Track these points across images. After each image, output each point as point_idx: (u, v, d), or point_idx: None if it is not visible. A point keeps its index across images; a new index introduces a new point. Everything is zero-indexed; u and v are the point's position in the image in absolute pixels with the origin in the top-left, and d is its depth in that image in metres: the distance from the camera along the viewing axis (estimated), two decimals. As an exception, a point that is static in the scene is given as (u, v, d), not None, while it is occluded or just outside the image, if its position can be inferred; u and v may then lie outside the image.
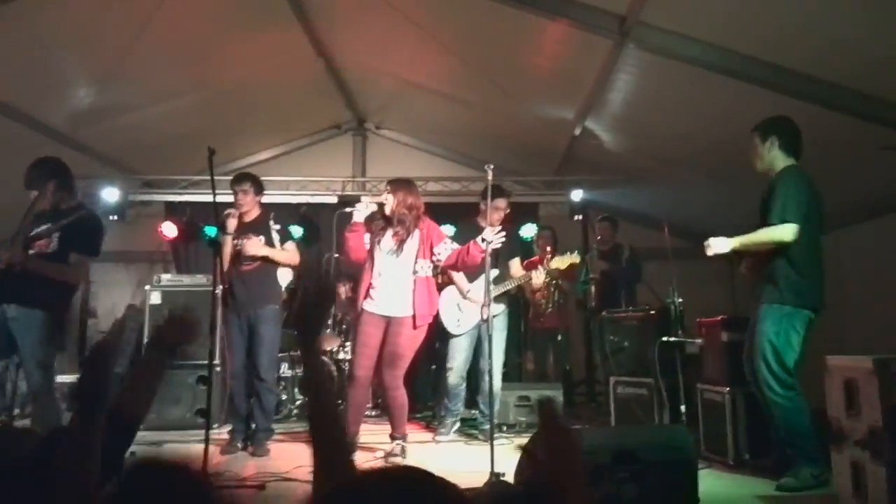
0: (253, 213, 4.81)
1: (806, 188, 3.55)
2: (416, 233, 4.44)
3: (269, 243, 4.73)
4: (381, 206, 4.49)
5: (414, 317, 4.35)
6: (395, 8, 5.18)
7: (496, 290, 4.90)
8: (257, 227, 4.77)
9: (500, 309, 5.15)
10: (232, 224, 4.65)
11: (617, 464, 2.84)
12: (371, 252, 4.49)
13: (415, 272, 4.41)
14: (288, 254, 4.82)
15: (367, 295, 4.44)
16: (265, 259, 4.71)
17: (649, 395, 4.81)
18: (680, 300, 4.63)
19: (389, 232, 4.43)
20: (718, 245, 3.68)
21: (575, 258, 5.69)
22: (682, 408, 4.37)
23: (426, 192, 6.74)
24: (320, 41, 6.36)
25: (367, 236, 4.51)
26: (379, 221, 4.50)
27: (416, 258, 4.42)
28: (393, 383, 4.35)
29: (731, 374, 4.07)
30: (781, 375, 3.48)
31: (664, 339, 4.55)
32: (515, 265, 5.32)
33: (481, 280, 4.75)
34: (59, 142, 6.30)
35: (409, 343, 4.37)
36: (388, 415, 4.55)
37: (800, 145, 3.69)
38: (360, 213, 4.46)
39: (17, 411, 5.77)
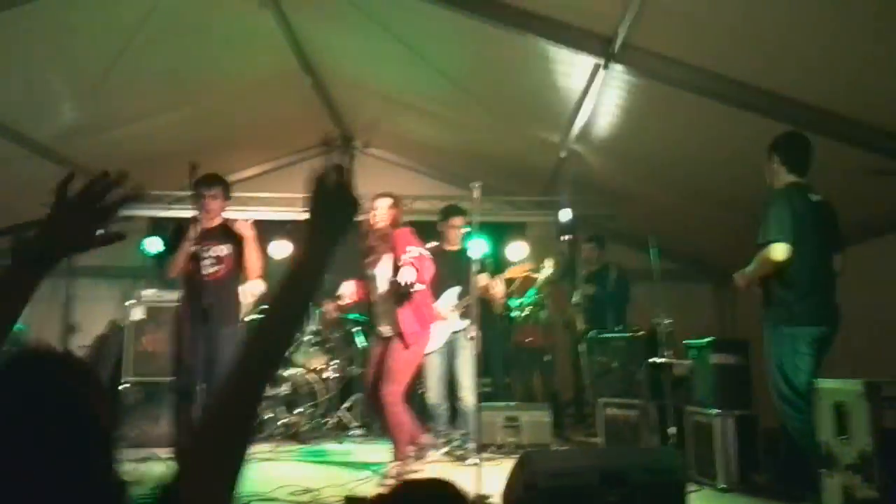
0: (216, 220, 4.45)
1: (791, 207, 3.53)
2: (389, 252, 4.40)
3: (239, 252, 4.36)
4: (374, 217, 4.43)
5: (402, 335, 4.30)
6: (384, 27, 5.18)
7: (460, 305, 4.88)
8: (222, 234, 4.43)
9: (466, 324, 5.09)
10: (194, 232, 4.27)
11: (605, 486, 2.79)
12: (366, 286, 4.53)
13: (397, 290, 4.34)
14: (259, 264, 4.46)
15: (374, 318, 4.50)
16: (229, 265, 4.38)
17: (638, 417, 4.77)
18: (668, 321, 4.61)
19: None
20: (739, 279, 3.70)
21: (528, 265, 5.72)
22: (671, 430, 4.32)
23: (413, 211, 6.71)
24: (308, 59, 6.35)
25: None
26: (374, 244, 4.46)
27: (392, 274, 4.37)
28: (388, 399, 4.25)
29: (721, 397, 4.05)
30: (791, 398, 3.42)
31: (652, 360, 4.52)
32: (483, 279, 5.27)
33: (445, 295, 4.70)
34: (42, 156, 6.23)
35: (400, 358, 4.28)
36: (389, 432, 4.43)
37: (804, 161, 3.68)
38: (347, 289, 4.54)
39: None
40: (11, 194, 6.21)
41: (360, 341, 6.55)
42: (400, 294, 4.27)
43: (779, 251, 3.44)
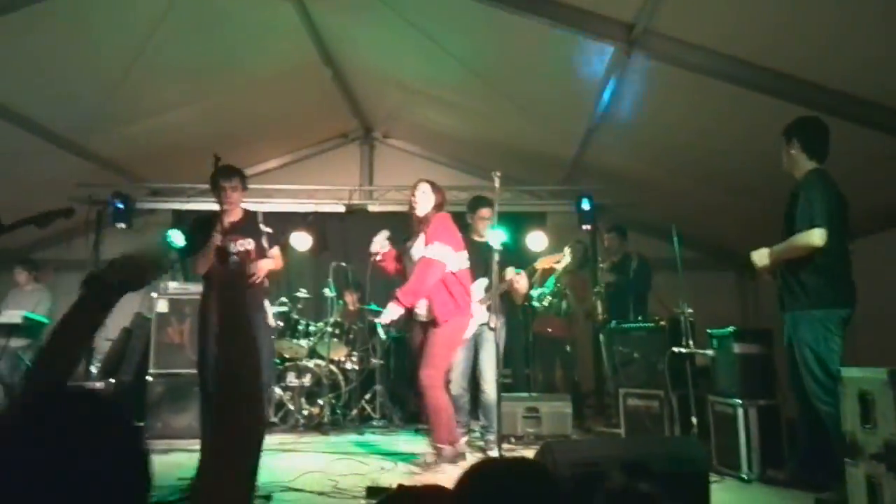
0: (236, 214, 4.28)
1: (831, 191, 3.49)
2: (423, 234, 4.40)
3: (260, 246, 4.25)
4: (411, 209, 4.51)
5: (435, 317, 4.30)
6: (403, 17, 5.18)
7: (487, 298, 4.86)
8: (243, 228, 4.23)
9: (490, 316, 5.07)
10: (223, 224, 4.12)
11: (627, 476, 2.78)
12: (404, 261, 4.53)
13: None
14: (276, 260, 4.37)
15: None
16: (258, 259, 4.21)
17: (660, 408, 4.75)
18: (690, 311, 4.57)
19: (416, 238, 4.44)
20: (759, 258, 3.64)
21: (558, 256, 5.68)
22: (694, 420, 4.30)
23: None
24: (328, 50, 6.37)
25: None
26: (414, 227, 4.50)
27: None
28: (426, 382, 4.23)
29: (744, 386, 4.01)
30: (826, 382, 3.38)
31: (674, 350, 4.49)
32: (509, 274, 5.24)
33: (473, 287, 4.67)
34: (67, 150, 6.33)
35: (437, 340, 4.27)
36: (429, 417, 4.41)
37: (824, 146, 3.62)
38: (377, 244, 4.57)
39: None
40: (35, 185, 6.32)
41: (382, 333, 6.58)
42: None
43: (820, 236, 3.39)
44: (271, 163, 8.44)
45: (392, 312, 4.21)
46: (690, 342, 4.46)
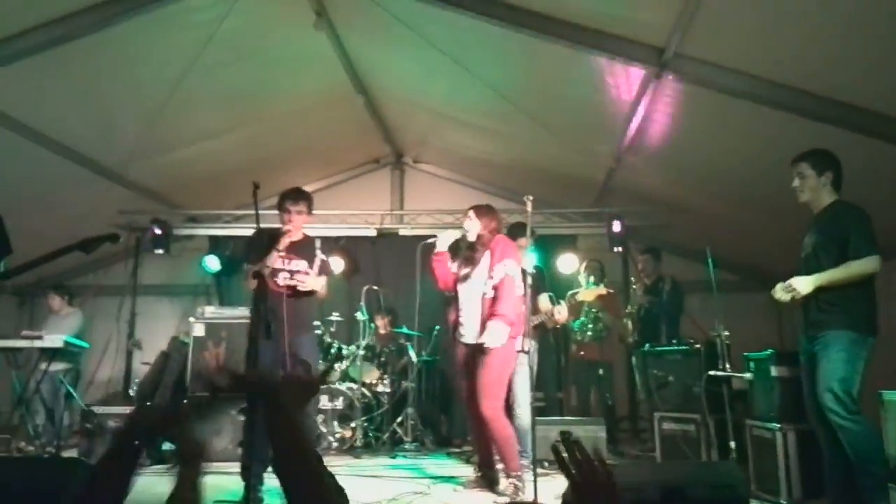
0: (297, 235, 4.42)
1: (868, 219, 3.47)
2: (487, 253, 4.29)
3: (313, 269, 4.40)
4: (465, 233, 4.37)
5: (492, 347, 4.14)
6: (434, 45, 5.27)
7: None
8: (302, 249, 4.41)
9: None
10: (285, 243, 4.29)
11: (664, 501, 2.75)
12: (455, 282, 4.42)
13: (483, 294, 4.25)
14: (323, 284, 4.47)
15: (456, 325, 4.41)
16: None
17: (696, 432, 4.68)
18: (726, 333, 4.52)
19: (469, 260, 4.36)
20: (802, 285, 3.55)
21: (601, 290, 5.65)
22: (732, 444, 4.23)
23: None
24: (360, 78, 6.50)
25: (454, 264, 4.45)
26: (463, 251, 4.42)
27: (486, 280, 4.25)
28: (488, 414, 4.09)
29: (783, 410, 3.94)
30: (846, 401, 3.33)
31: (711, 373, 4.43)
32: (543, 300, 5.23)
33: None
34: (108, 178, 6.52)
35: (492, 370, 4.13)
36: (497, 450, 4.27)
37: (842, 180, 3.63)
38: (443, 241, 4.39)
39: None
40: (78, 213, 6.51)
41: (413, 356, 6.61)
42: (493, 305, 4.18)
43: (877, 264, 3.37)
44: (305, 188, 8.56)
45: (502, 333, 4.06)
46: (727, 365, 4.41)
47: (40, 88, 5.03)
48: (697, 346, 4.94)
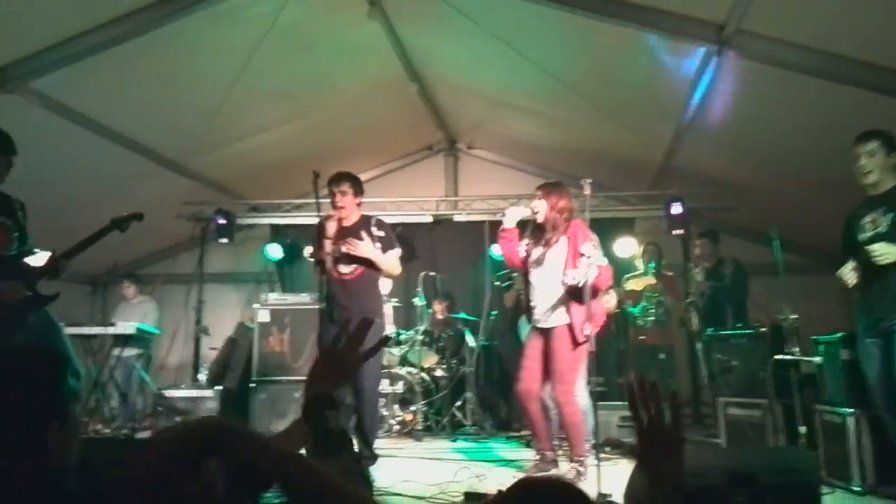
0: (353, 218, 4.49)
1: None
2: (563, 239, 4.22)
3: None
4: (534, 214, 4.30)
5: (571, 328, 4.14)
6: (487, 30, 5.25)
7: None
8: (357, 233, 4.42)
9: None
10: (331, 227, 4.38)
11: (732, 486, 2.72)
12: (525, 263, 4.38)
13: (564, 281, 4.17)
14: (390, 260, 4.45)
15: (527, 308, 4.41)
16: (368, 265, 4.41)
17: (762, 418, 4.58)
18: (794, 316, 4.40)
19: (540, 240, 4.30)
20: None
21: (649, 279, 5.57)
22: (802, 430, 4.13)
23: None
24: (413, 66, 6.53)
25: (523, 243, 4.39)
26: (533, 231, 4.37)
27: (565, 266, 4.19)
28: (560, 399, 4.13)
29: (854, 395, 3.83)
30: None
31: (777, 357, 4.33)
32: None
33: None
34: (173, 171, 6.74)
35: (569, 355, 4.13)
36: (565, 434, 4.29)
37: None
38: (510, 217, 4.32)
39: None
40: (145, 204, 6.73)
41: (471, 340, 6.65)
42: (573, 291, 4.13)
43: None
44: (360, 177, 8.65)
45: (581, 274, 4.00)
46: (795, 349, 4.30)
47: (107, 85, 5.21)
48: (763, 329, 4.83)
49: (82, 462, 1.26)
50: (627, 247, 7.02)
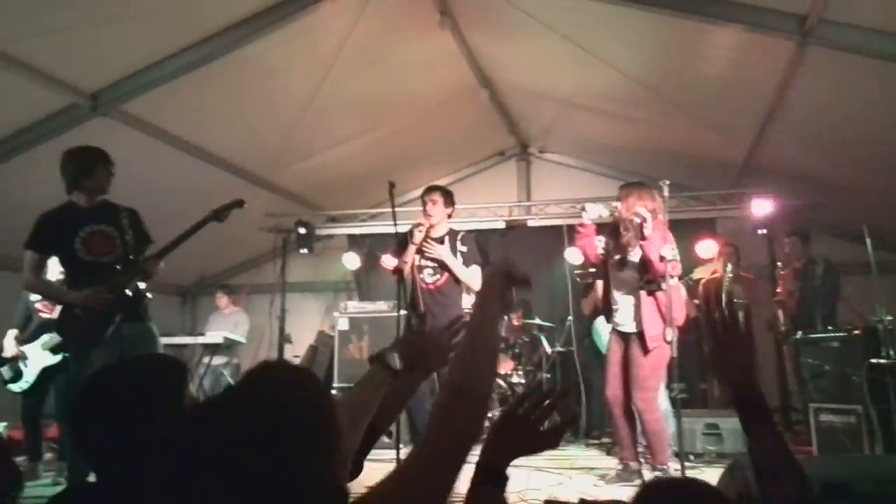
0: (441, 230, 4.66)
1: None
2: (644, 240, 4.10)
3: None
4: (618, 214, 4.26)
5: (643, 335, 4.09)
6: (557, 32, 5.22)
7: None
8: (442, 242, 4.64)
9: None
10: (419, 236, 4.55)
11: (828, 497, 2.60)
12: (605, 262, 4.38)
13: (642, 285, 4.15)
14: (468, 273, 4.59)
15: (606, 308, 4.40)
16: (449, 274, 4.58)
17: (857, 424, 4.36)
18: (889, 318, 4.17)
19: (620, 241, 4.26)
20: None
21: (714, 268, 5.37)
22: (901, 438, 3.91)
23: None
24: (484, 72, 6.56)
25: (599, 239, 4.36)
26: (612, 232, 4.34)
27: (645, 270, 4.15)
28: (641, 406, 4.07)
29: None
30: None
31: (873, 361, 4.11)
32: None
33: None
34: (255, 184, 7.00)
35: (648, 362, 4.07)
36: (647, 441, 4.23)
37: None
38: (590, 213, 4.31)
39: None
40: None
41: (547, 346, 6.60)
42: (648, 289, 4.10)
43: None
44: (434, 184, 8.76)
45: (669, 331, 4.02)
46: (891, 352, 4.07)
47: (190, 104, 5.47)
48: (856, 332, 4.60)
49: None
50: (708, 248, 6.81)
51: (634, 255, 4.20)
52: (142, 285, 3.62)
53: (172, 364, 1.42)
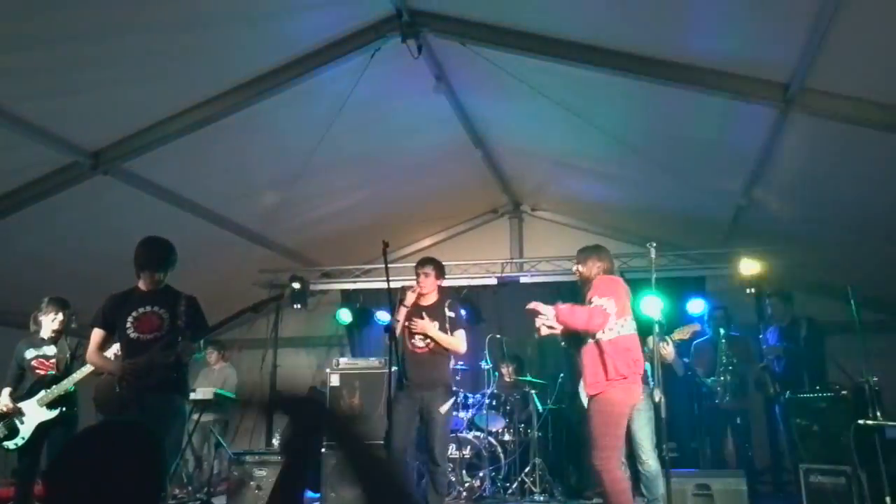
0: (431, 298, 4.90)
1: None
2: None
3: (443, 330, 4.78)
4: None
5: (586, 389, 4.04)
6: (547, 96, 5.40)
7: None
8: (433, 312, 4.85)
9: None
10: (410, 298, 4.77)
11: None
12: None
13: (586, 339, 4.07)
14: (454, 341, 4.82)
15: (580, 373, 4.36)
16: (436, 343, 4.77)
17: (847, 485, 4.36)
18: (875, 378, 4.23)
19: None
20: None
21: (694, 326, 5.43)
22: (888, 501, 3.91)
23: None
24: (477, 133, 6.73)
25: None
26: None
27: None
28: (596, 465, 3.87)
29: (947, 462, 3.62)
30: None
31: (860, 422, 4.15)
32: (650, 343, 5.05)
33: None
34: (250, 240, 7.08)
35: (596, 420, 3.92)
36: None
37: None
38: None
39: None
40: (225, 272, 7.08)
41: (538, 404, 6.58)
42: (573, 342, 4.08)
43: None
44: (426, 241, 8.86)
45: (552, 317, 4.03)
46: (878, 413, 4.11)
47: (190, 162, 5.60)
48: (844, 392, 4.64)
49: None
50: (698, 306, 6.89)
51: None
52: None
53: (144, 433, 1.45)
